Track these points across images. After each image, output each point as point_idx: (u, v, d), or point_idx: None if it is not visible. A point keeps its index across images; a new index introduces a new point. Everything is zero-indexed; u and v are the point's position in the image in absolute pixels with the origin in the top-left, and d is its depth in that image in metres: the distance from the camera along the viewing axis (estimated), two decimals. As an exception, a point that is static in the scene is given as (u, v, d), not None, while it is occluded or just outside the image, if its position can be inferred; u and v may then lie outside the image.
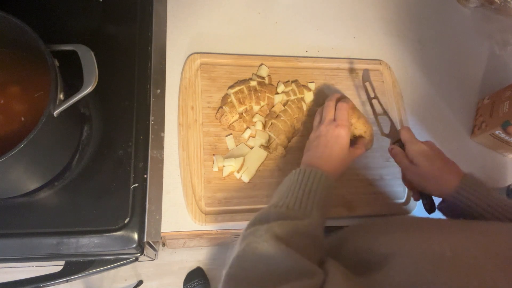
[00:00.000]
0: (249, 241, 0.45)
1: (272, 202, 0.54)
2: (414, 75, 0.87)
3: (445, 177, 0.59)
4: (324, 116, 0.65)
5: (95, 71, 0.56)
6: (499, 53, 0.94)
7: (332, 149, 0.61)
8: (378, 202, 0.73)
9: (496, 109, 0.79)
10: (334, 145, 0.61)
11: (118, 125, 0.69)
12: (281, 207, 0.51)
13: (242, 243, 0.46)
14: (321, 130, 0.64)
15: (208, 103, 0.73)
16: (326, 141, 0.62)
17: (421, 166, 0.61)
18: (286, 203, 0.52)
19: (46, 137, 0.54)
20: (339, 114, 0.64)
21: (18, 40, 0.57)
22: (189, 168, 0.68)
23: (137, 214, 0.64)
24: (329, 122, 0.64)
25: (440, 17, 0.95)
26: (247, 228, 0.49)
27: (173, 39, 0.78)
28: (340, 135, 0.62)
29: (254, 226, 0.48)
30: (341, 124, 0.62)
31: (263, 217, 0.50)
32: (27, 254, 0.61)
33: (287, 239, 0.44)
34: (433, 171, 0.60)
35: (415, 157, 0.62)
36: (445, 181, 0.59)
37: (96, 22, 0.77)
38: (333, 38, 0.86)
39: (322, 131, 0.63)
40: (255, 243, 0.44)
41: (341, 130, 0.62)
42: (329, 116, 0.65)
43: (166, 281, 1.45)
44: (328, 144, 0.61)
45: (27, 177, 0.60)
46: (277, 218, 0.48)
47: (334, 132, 0.62)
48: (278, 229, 0.46)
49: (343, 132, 0.62)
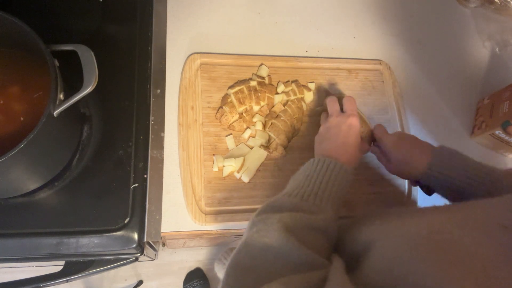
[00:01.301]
0: (259, 228, 0.44)
1: (287, 189, 0.52)
2: (414, 75, 0.87)
3: (415, 159, 0.59)
4: (330, 110, 0.65)
5: (95, 71, 0.56)
6: (499, 53, 0.94)
7: (347, 138, 0.60)
8: (378, 202, 0.73)
9: (496, 109, 0.79)
10: (348, 134, 0.60)
11: (118, 125, 0.69)
12: (295, 197, 0.49)
13: (251, 229, 0.45)
14: (331, 121, 0.63)
15: (208, 103, 0.73)
16: (340, 131, 0.61)
17: (393, 158, 0.62)
18: (301, 193, 0.50)
19: (46, 137, 0.54)
20: (348, 105, 0.64)
21: (18, 40, 0.57)
22: (189, 168, 0.68)
23: (137, 214, 0.64)
24: (338, 114, 0.63)
25: (440, 17, 0.95)
26: (257, 214, 0.47)
27: (173, 39, 0.78)
28: (352, 123, 0.61)
29: (266, 213, 0.46)
30: (352, 113, 0.62)
31: (275, 205, 0.48)
32: (27, 254, 0.61)
33: (298, 232, 0.43)
34: (402, 158, 0.61)
35: (386, 150, 0.63)
36: (417, 162, 0.59)
37: (96, 22, 0.77)
38: (333, 38, 0.86)
39: (333, 122, 0.62)
40: (265, 231, 0.43)
41: (353, 119, 0.61)
42: (335, 108, 0.65)
43: (166, 281, 1.45)
44: (342, 134, 0.60)
45: (27, 177, 0.60)
46: (290, 208, 0.47)
47: (347, 121, 0.61)
48: (289, 220, 0.44)
49: (355, 121, 0.61)
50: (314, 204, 0.49)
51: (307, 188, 0.51)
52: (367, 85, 0.81)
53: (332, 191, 0.51)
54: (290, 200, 0.49)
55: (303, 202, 0.49)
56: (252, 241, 0.43)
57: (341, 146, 0.59)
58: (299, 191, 0.50)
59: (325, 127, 0.63)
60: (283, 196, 0.50)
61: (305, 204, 0.49)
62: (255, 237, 0.43)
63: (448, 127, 0.84)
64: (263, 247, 0.42)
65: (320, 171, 0.53)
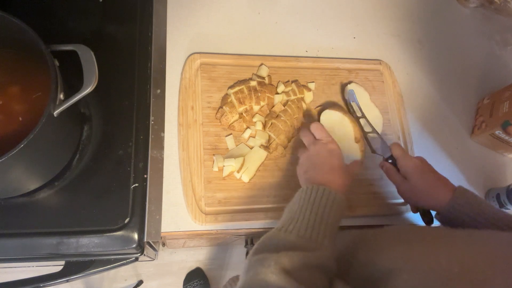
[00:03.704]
0: (257, 272, 0.43)
1: (282, 222, 0.51)
2: (414, 75, 0.87)
3: (437, 191, 0.59)
4: (306, 141, 0.64)
5: (95, 71, 0.55)
6: (499, 53, 0.94)
7: (331, 163, 0.59)
8: (378, 202, 0.73)
9: (496, 109, 0.79)
10: (332, 158, 0.60)
11: (118, 125, 0.69)
12: (291, 233, 0.48)
13: (249, 271, 0.44)
14: (311, 149, 0.62)
15: (208, 103, 0.73)
16: (323, 157, 0.60)
17: (414, 181, 0.61)
18: (297, 227, 0.48)
19: (46, 137, 0.54)
20: (319, 134, 0.63)
21: (18, 40, 0.57)
22: (189, 168, 0.68)
23: (137, 214, 0.64)
24: (315, 141, 0.63)
25: (440, 17, 0.95)
26: (254, 254, 0.46)
27: (173, 39, 0.78)
28: (332, 148, 0.61)
29: (262, 253, 0.45)
30: (328, 140, 0.62)
31: (272, 243, 0.47)
32: (27, 254, 0.61)
33: (296, 273, 0.42)
34: (425, 186, 0.60)
35: (408, 173, 0.62)
36: (437, 195, 0.59)
37: (96, 22, 0.77)
38: (333, 38, 0.86)
39: (313, 151, 0.62)
40: (263, 274, 0.42)
41: (330, 145, 0.61)
42: (310, 137, 0.64)
43: (166, 281, 1.45)
44: (325, 160, 0.59)
45: (27, 177, 0.60)
46: (287, 247, 0.46)
47: (326, 147, 0.61)
48: (287, 261, 0.43)
49: (333, 145, 0.61)
50: (311, 240, 0.47)
51: (302, 221, 0.49)
52: (367, 85, 0.81)
53: (328, 223, 0.50)
54: (286, 238, 0.48)
55: (299, 239, 0.47)
56: (251, 284, 0.43)
57: (329, 171, 0.58)
58: (294, 225, 0.49)
59: (305, 156, 0.62)
60: (279, 232, 0.49)
61: (302, 241, 0.47)
62: (254, 280, 0.43)
63: (448, 127, 0.84)
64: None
65: (315, 201, 0.51)
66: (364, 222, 0.72)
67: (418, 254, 0.44)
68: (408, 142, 0.79)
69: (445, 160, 0.81)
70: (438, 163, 0.65)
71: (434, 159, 0.66)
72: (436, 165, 0.63)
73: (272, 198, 0.69)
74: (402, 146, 0.78)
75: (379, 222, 0.72)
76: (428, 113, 0.84)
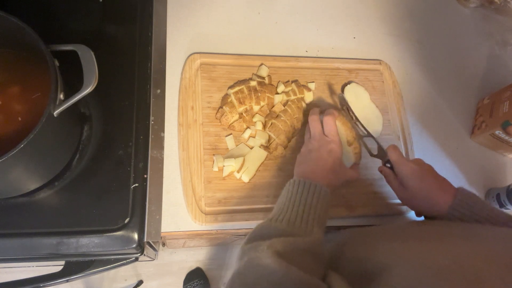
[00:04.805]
0: (251, 257, 0.44)
1: (273, 214, 0.53)
2: (414, 75, 0.87)
3: (436, 198, 0.58)
4: (312, 131, 0.65)
5: (95, 71, 0.55)
6: (499, 53, 0.94)
7: (326, 162, 0.61)
8: (378, 202, 0.73)
9: (496, 109, 0.79)
10: (328, 158, 0.61)
11: (118, 125, 0.69)
12: (281, 222, 0.50)
13: (242, 258, 0.45)
14: (313, 143, 0.64)
15: (208, 103, 0.73)
16: (320, 155, 0.61)
17: (411, 189, 0.60)
18: (287, 217, 0.51)
19: (46, 137, 0.54)
20: (328, 129, 0.64)
21: (18, 40, 0.57)
22: (189, 168, 0.68)
23: (137, 214, 0.64)
24: (320, 137, 0.64)
25: (440, 17, 0.95)
26: (246, 242, 0.48)
27: (173, 39, 0.78)
28: (333, 149, 0.62)
29: (256, 241, 0.47)
30: (333, 139, 0.63)
31: (263, 233, 0.49)
32: (27, 254, 0.61)
33: (289, 256, 0.43)
34: (423, 193, 0.59)
35: (404, 178, 0.61)
36: (437, 201, 0.58)
37: (96, 22, 0.77)
38: (333, 38, 0.86)
39: (315, 145, 0.63)
40: (257, 259, 0.43)
41: (333, 145, 0.62)
42: (317, 130, 0.65)
43: (166, 281, 1.45)
44: (322, 158, 0.61)
45: (27, 177, 0.60)
46: (279, 234, 0.48)
47: (327, 146, 0.62)
48: (279, 245, 0.45)
49: (335, 146, 0.62)
50: (301, 228, 0.50)
51: (291, 212, 0.52)
52: (367, 85, 0.81)
53: (316, 214, 0.52)
54: (277, 226, 0.50)
55: (289, 227, 0.50)
56: (245, 270, 0.43)
57: (321, 171, 0.60)
58: (284, 215, 0.51)
59: (307, 148, 0.64)
60: (270, 222, 0.51)
61: (293, 228, 0.49)
62: (248, 265, 0.43)
63: (448, 127, 0.84)
64: (257, 275, 0.42)
65: (302, 193, 0.54)
66: (364, 222, 0.72)
67: (413, 249, 0.44)
68: (408, 142, 0.79)
69: (445, 160, 0.81)
70: (438, 163, 0.65)
71: (434, 159, 0.66)
72: (436, 165, 0.63)
73: (272, 198, 0.69)
74: (402, 146, 0.78)
75: (379, 222, 0.72)
76: (428, 113, 0.84)
